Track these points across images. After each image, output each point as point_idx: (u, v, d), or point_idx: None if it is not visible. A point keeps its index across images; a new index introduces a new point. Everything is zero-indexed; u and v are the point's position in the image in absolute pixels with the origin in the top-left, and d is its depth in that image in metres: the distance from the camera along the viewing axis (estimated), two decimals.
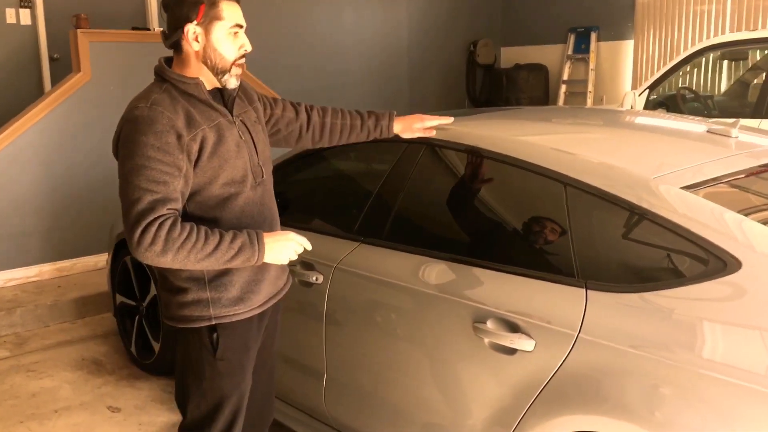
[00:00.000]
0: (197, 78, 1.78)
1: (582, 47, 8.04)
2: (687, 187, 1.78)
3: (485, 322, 1.85)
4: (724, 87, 6.21)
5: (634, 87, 7.30)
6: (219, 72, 1.78)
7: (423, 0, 8.21)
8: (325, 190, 2.83)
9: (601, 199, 1.81)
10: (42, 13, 5.49)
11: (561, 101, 8.16)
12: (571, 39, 8.14)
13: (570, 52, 8.15)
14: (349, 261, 2.29)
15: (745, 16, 6.62)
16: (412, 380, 2.07)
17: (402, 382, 2.10)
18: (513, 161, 2.02)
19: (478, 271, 1.96)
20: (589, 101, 7.89)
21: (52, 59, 5.60)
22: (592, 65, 7.94)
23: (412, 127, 2.28)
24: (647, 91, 4.80)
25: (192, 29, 1.75)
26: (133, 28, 5.13)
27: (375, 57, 7.90)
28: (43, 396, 3.27)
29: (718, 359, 1.49)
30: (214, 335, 1.83)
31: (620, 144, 2.31)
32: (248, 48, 1.81)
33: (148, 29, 5.25)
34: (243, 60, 1.81)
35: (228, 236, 1.70)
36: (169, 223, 1.64)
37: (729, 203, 1.77)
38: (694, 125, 2.58)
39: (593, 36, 7.94)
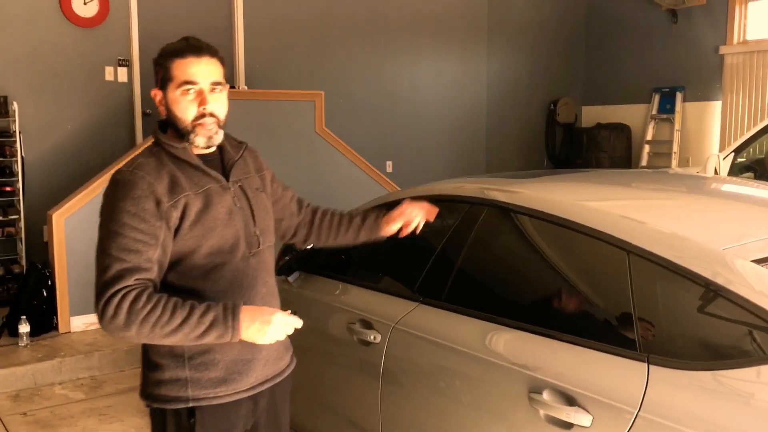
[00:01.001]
0: (185, 143, 1.69)
1: (667, 107, 7.87)
2: (759, 261, 1.68)
3: (541, 393, 1.78)
4: None
5: (721, 149, 7.05)
6: (183, 135, 1.68)
7: (503, 58, 8.26)
8: (386, 247, 2.83)
9: (668, 270, 1.74)
10: (138, 71, 5.87)
11: (644, 162, 7.96)
12: (656, 99, 7.98)
13: (654, 112, 7.98)
14: (407, 321, 2.27)
15: None
16: None
17: None
18: (577, 227, 1.97)
19: (537, 339, 1.90)
20: (674, 162, 7.66)
21: (145, 114, 5.94)
22: (677, 126, 7.73)
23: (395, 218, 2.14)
24: (733, 154, 4.62)
25: (157, 94, 1.71)
26: None
27: (454, 114, 7.97)
28: None
29: None
30: (192, 420, 1.68)
31: (695, 212, 2.21)
32: (209, 108, 1.67)
33: (235, 87, 5.51)
34: (207, 119, 1.67)
35: (198, 310, 1.55)
36: (133, 294, 1.52)
37: None
38: None
39: (679, 96, 7.77)
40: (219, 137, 1.72)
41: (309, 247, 2.69)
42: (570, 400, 1.72)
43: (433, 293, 2.29)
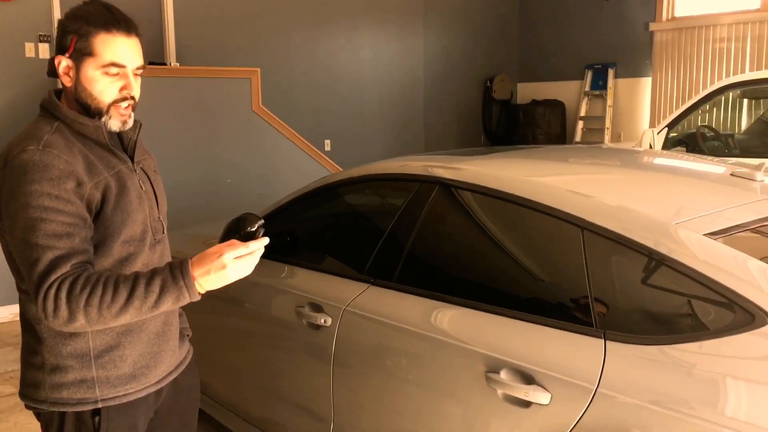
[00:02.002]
0: (97, 122, 1.52)
1: (599, 83, 8.03)
2: (710, 234, 1.70)
3: (499, 372, 1.77)
4: (744, 126, 6.13)
5: (652, 124, 7.25)
6: (93, 113, 1.51)
7: (440, 35, 8.25)
8: (334, 228, 2.77)
9: (620, 244, 1.74)
10: None
11: (578, 137, 8.11)
12: (589, 75, 8.12)
13: (587, 88, 8.13)
14: (358, 303, 2.22)
15: (765, 55, 6.56)
16: (422, 430, 1.98)
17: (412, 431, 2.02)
18: (528, 203, 1.96)
19: (492, 318, 1.88)
20: (607, 138, 7.84)
21: None
22: (609, 102, 7.90)
23: None
24: (666, 129, 4.74)
25: (63, 62, 1.50)
26: (150, 63, 5.17)
27: (392, 92, 7.92)
28: None
29: (742, 418, 1.40)
30: (96, 419, 1.54)
31: (639, 187, 2.24)
32: (132, 92, 1.53)
33: (166, 64, 5.30)
34: (126, 103, 1.53)
35: (143, 278, 1.40)
36: (68, 281, 1.36)
37: (755, 252, 1.69)
38: (716, 167, 2.51)
39: (611, 72, 7.93)
40: (131, 122, 1.58)
41: (253, 229, 2.60)
42: (528, 379, 1.71)
43: (383, 274, 2.25)
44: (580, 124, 8.16)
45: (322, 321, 2.27)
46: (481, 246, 2.19)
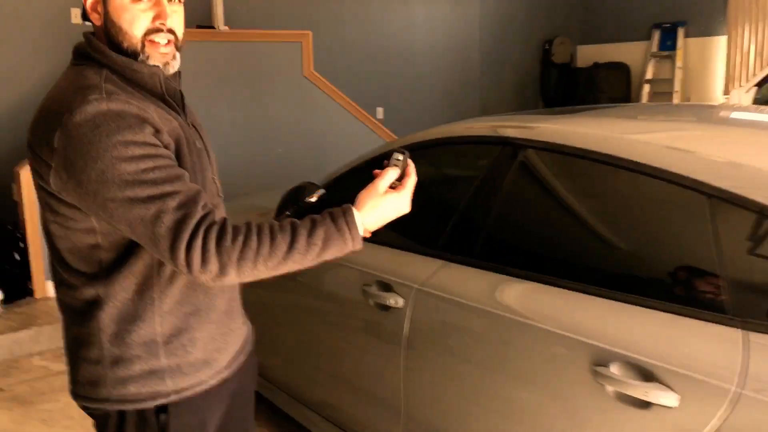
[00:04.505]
0: (155, 66, 1.29)
1: (668, 44, 7.53)
2: None
3: (608, 366, 1.50)
4: None
5: (727, 87, 6.74)
6: (130, 54, 1.27)
7: None
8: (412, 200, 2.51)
9: (758, 213, 1.44)
10: None
11: (644, 102, 7.65)
12: (656, 35, 7.63)
13: (654, 49, 7.63)
14: (434, 283, 1.97)
15: None
16: (513, 428, 1.73)
17: (500, 431, 1.77)
18: (635, 166, 1.66)
19: (600, 303, 1.60)
20: (676, 102, 7.36)
21: None
22: (679, 63, 7.41)
23: None
24: (756, 88, 4.32)
25: None
26: (198, 27, 4.95)
27: (446, 57, 7.58)
28: None
29: None
30: (162, 416, 1.32)
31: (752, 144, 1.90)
32: (167, 23, 1.28)
33: (214, 27, 5.07)
34: (163, 38, 1.28)
35: (302, 230, 1.21)
36: (215, 231, 1.16)
37: None
38: None
39: (680, 32, 7.42)
40: (176, 64, 1.33)
41: (313, 199, 2.37)
42: (647, 376, 1.44)
43: (462, 249, 1.99)
44: (646, 87, 7.69)
45: (393, 302, 2.03)
46: (577, 217, 1.90)
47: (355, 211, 1.26)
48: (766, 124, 2.17)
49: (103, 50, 1.28)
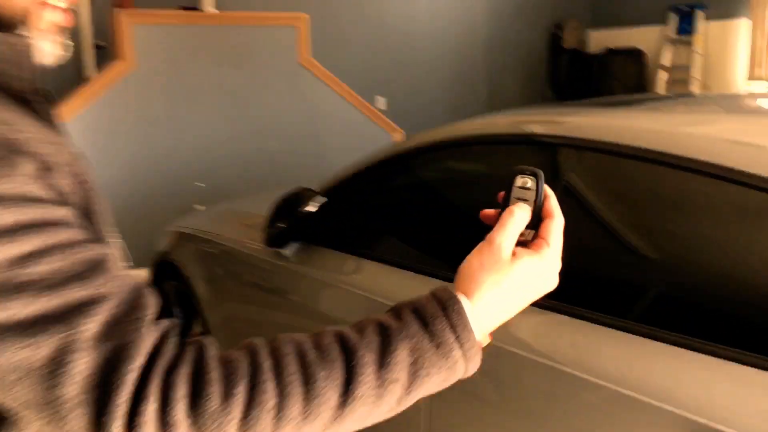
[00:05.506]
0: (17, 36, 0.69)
1: (686, 28, 7.09)
2: None
3: None
4: None
5: (752, 73, 6.32)
6: (10, 25, 0.69)
7: None
8: (420, 210, 2.10)
9: None
10: None
11: (660, 91, 7.23)
12: (673, 19, 7.19)
13: (671, 33, 7.21)
14: None
15: None
16: None
17: None
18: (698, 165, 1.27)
19: (685, 355, 1.20)
20: (695, 91, 6.94)
21: (97, 47, 5.05)
22: (698, 49, 6.97)
23: None
24: None
25: None
26: (182, 8, 4.52)
27: (450, 43, 7.17)
28: None
29: None
30: None
31: None
32: None
33: (200, 9, 4.64)
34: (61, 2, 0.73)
35: (367, 352, 0.66)
36: (184, 375, 0.60)
37: None
38: None
39: (699, 14, 6.98)
40: (68, 45, 0.76)
41: (313, 209, 1.96)
42: None
43: None
44: (663, 75, 7.25)
45: None
46: (653, 232, 1.49)
47: (464, 300, 0.69)
48: None
49: None
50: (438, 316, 0.67)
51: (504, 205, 0.74)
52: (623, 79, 7.29)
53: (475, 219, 1.92)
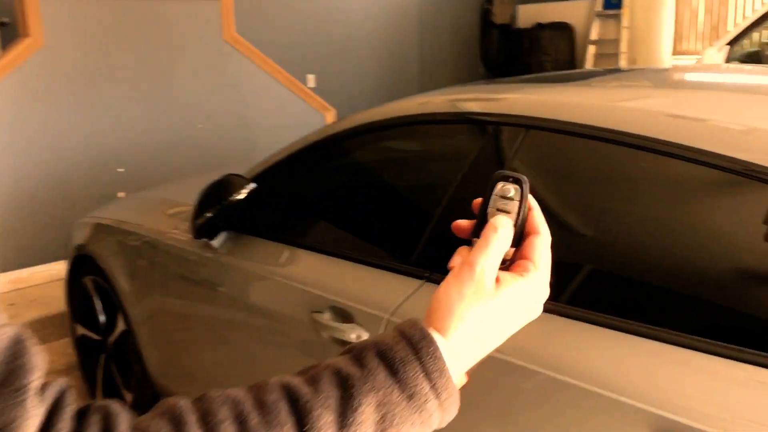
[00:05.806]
0: None
1: (612, 2, 7.16)
2: None
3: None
4: None
5: (676, 47, 6.42)
6: None
7: None
8: (360, 196, 1.97)
9: None
10: None
11: (589, 65, 7.29)
12: None
13: (599, 8, 7.26)
14: (411, 311, 1.45)
15: None
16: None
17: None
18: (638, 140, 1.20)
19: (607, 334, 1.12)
20: (623, 64, 7.02)
21: (1, 24, 4.69)
22: (625, 23, 7.05)
23: None
24: (728, 47, 3.97)
25: None
26: None
27: (381, 18, 7.01)
28: None
29: None
30: None
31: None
32: None
33: None
34: None
35: (324, 411, 0.52)
36: None
37: None
38: None
39: None
40: None
41: (241, 196, 1.81)
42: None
43: (445, 264, 1.47)
44: (592, 49, 7.32)
45: (355, 337, 1.50)
46: (589, 212, 1.41)
47: (439, 339, 0.56)
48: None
49: None
50: (409, 361, 0.54)
51: (482, 216, 0.61)
52: (553, 53, 7.32)
53: (414, 204, 1.81)
